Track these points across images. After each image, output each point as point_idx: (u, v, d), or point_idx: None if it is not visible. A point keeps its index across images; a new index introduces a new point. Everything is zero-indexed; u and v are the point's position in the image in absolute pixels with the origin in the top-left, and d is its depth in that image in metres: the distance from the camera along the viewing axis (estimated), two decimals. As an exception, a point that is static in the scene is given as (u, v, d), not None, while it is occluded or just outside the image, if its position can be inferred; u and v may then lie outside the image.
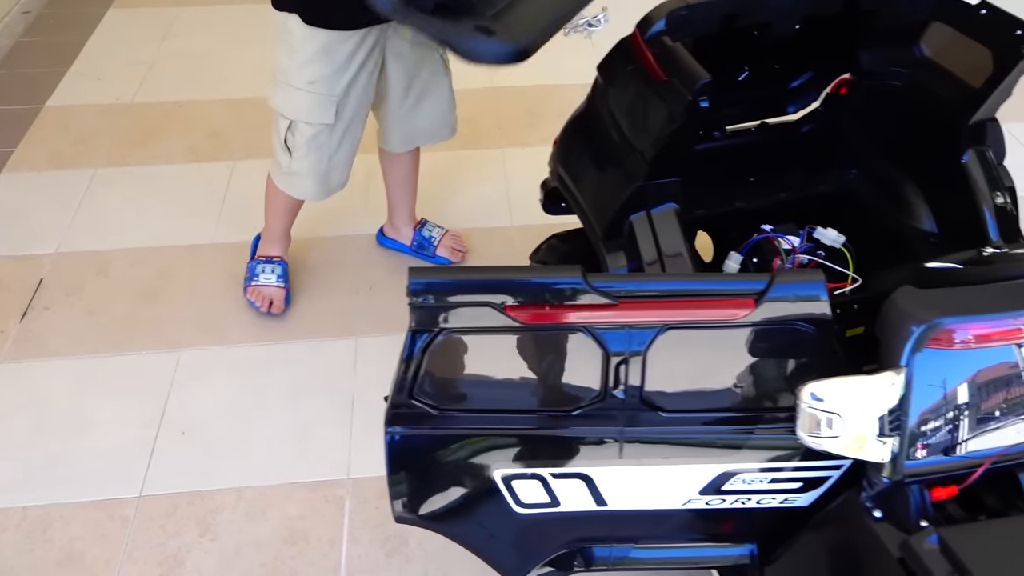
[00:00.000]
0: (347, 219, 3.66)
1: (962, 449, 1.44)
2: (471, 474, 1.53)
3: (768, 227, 2.52)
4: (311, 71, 2.62)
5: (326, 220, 3.63)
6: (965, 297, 1.43)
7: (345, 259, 3.46)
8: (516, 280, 1.42)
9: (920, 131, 2.36)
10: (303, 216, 3.60)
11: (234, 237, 3.56)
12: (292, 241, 3.36)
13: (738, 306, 1.43)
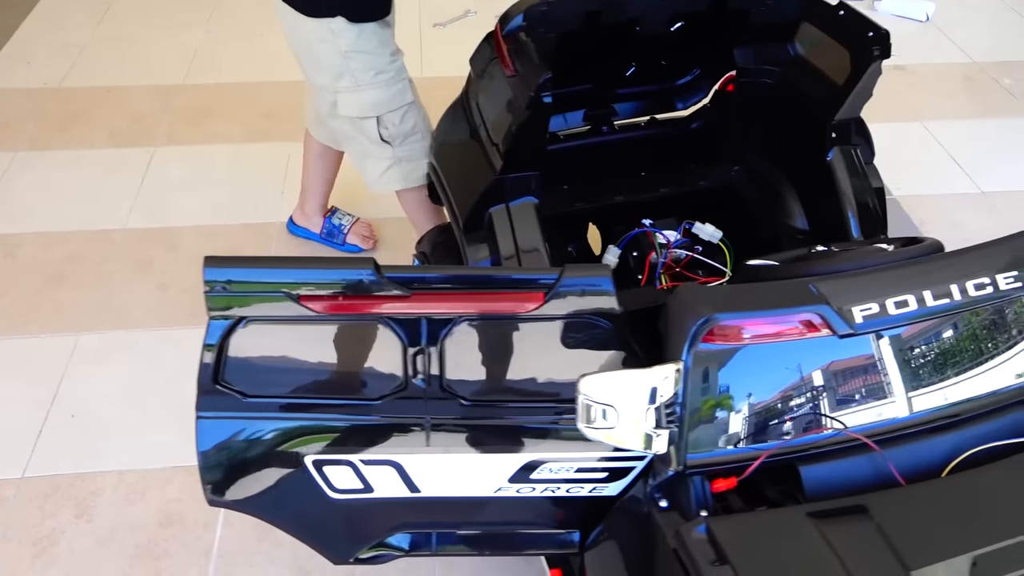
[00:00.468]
0: (260, 207, 3.68)
1: (740, 442, 1.48)
2: (282, 459, 1.57)
3: (648, 221, 2.56)
4: (372, 63, 2.62)
5: (237, 207, 3.66)
6: (745, 294, 1.48)
7: (251, 247, 3.48)
8: (310, 271, 1.45)
9: (792, 129, 2.40)
10: (213, 202, 3.63)
11: (145, 223, 3.58)
12: (198, 228, 3.43)
13: (528, 299, 1.47)
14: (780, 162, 2.49)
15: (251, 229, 3.57)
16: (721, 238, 2.51)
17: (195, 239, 3.51)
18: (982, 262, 1.51)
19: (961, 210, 3.74)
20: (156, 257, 3.41)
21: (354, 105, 2.66)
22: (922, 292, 1.46)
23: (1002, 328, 1.60)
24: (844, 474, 1.49)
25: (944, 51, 4.94)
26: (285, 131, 4.12)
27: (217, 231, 3.54)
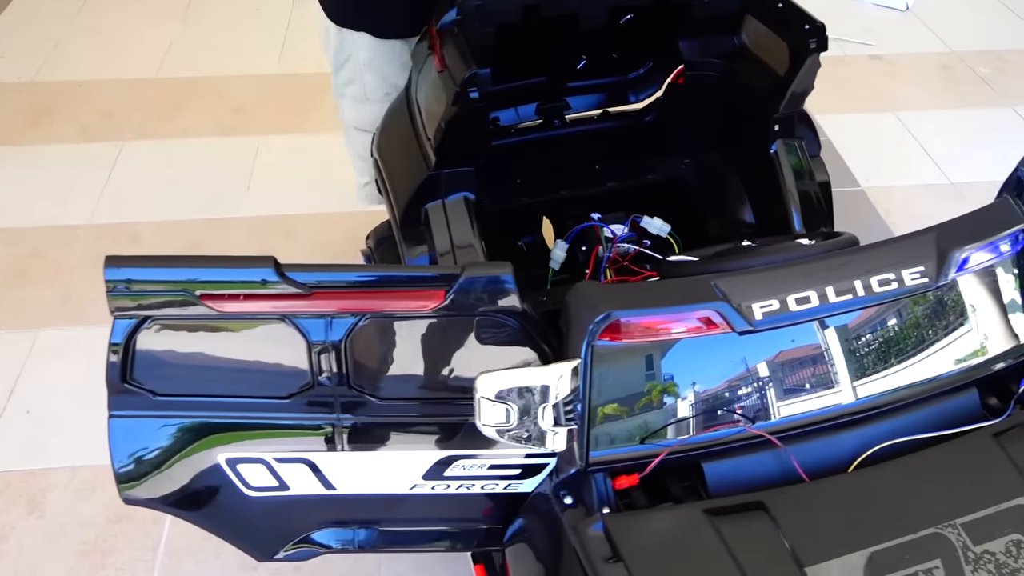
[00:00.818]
0: (225, 201, 3.70)
1: (643, 439, 1.48)
2: (196, 457, 1.58)
3: (597, 215, 2.56)
4: (387, 81, 2.56)
5: (202, 202, 3.68)
6: (645, 291, 1.48)
7: (212, 241, 3.49)
8: (210, 269, 1.46)
9: (738, 122, 2.40)
10: (178, 197, 3.63)
11: (110, 219, 3.59)
12: (162, 224, 3.47)
13: (429, 297, 1.47)
14: (728, 155, 2.48)
15: (214, 224, 3.57)
16: (669, 232, 2.50)
17: (158, 235, 3.51)
18: (887, 257, 1.50)
19: (929, 201, 3.74)
20: (119, 253, 3.39)
21: (354, 114, 2.65)
22: (824, 288, 1.46)
23: (914, 324, 1.60)
24: (749, 471, 1.49)
25: (923, 40, 4.93)
26: (255, 125, 4.14)
27: (180, 226, 3.55)
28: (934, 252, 1.53)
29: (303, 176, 3.80)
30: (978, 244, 1.56)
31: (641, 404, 1.48)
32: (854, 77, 4.55)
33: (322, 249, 3.45)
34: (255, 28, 4.90)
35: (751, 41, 2.36)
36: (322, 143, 3.96)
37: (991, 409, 1.65)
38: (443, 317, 1.48)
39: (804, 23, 2.08)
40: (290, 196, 3.71)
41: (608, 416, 1.47)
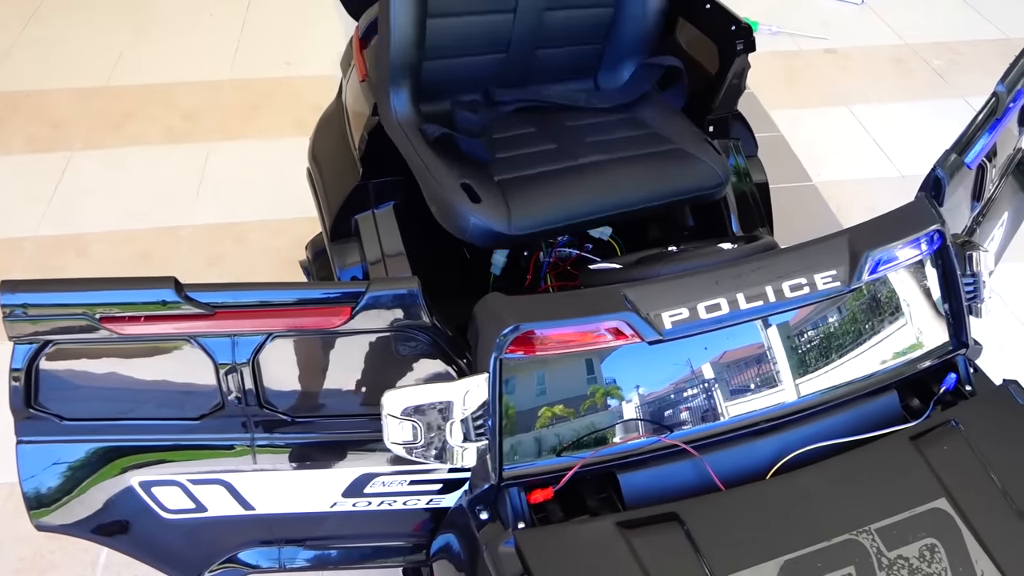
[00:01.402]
0: (174, 210, 3.66)
1: (556, 452, 1.47)
2: (108, 482, 1.56)
3: None
4: None
5: (151, 211, 3.64)
6: (554, 303, 1.47)
7: (162, 251, 3.47)
8: (108, 292, 1.43)
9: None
10: (127, 207, 3.60)
11: (57, 230, 3.54)
12: (110, 234, 3.44)
13: (335, 314, 1.45)
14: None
15: (163, 233, 3.53)
16: (611, 235, 2.49)
17: (106, 245, 3.47)
18: (799, 262, 1.50)
19: (879, 194, 3.74)
20: (66, 265, 3.37)
21: None
22: (735, 295, 1.45)
23: (833, 327, 1.60)
24: (665, 480, 1.48)
25: (877, 33, 4.93)
26: (205, 132, 4.09)
27: (128, 236, 3.51)
28: (846, 255, 1.52)
29: (254, 182, 3.77)
30: (891, 246, 1.55)
31: (553, 416, 1.47)
32: (808, 71, 4.56)
33: (273, 255, 3.43)
34: (208, 35, 4.85)
35: (685, 44, 2.35)
36: (273, 149, 3.94)
37: (911, 411, 1.64)
38: (351, 334, 1.45)
39: (731, 24, 2.07)
40: (240, 203, 3.67)
41: (520, 429, 1.45)
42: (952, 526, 1.40)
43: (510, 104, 2.20)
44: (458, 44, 2.08)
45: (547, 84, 2.26)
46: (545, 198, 1.92)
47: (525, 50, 2.17)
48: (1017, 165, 2.18)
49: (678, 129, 2.15)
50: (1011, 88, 1.87)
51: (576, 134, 2.12)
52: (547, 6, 2.12)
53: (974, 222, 1.96)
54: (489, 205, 1.86)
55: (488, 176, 1.95)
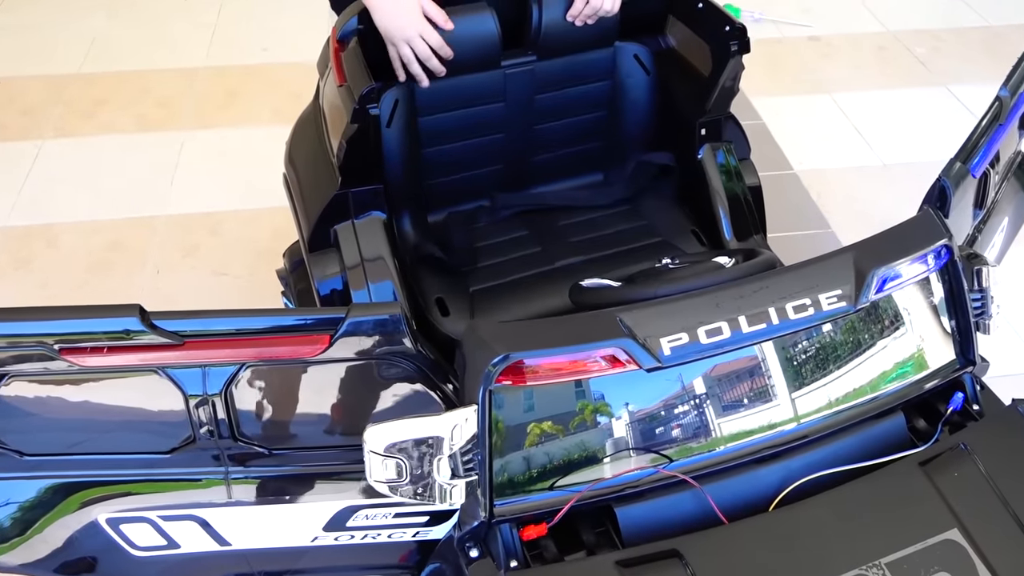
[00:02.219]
0: (147, 200, 3.56)
1: (550, 487, 1.40)
2: (69, 517, 1.47)
3: None
4: None
5: (124, 201, 3.54)
6: (545, 330, 1.39)
7: (134, 242, 3.37)
8: (66, 321, 1.33)
9: (667, 125, 2.31)
10: (99, 196, 3.50)
11: (27, 220, 3.44)
12: (80, 224, 3.34)
13: (313, 342, 1.37)
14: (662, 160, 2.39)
15: (135, 223, 3.44)
16: None
17: (77, 236, 3.37)
18: (802, 281, 1.43)
19: (860, 183, 3.71)
20: (36, 256, 3.27)
21: None
22: (737, 317, 1.38)
23: (836, 348, 1.54)
24: (665, 514, 1.42)
25: (860, 20, 4.88)
26: (180, 120, 4.00)
27: (100, 227, 3.41)
28: (852, 274, 1.46)
29: (229, 171, 3.68)
30: (898, 263, 1.49)
31: (547, 449, 1.40)
32: (791, 59, 4.50)
33: (249, 246, 3.34)
34: (183, 21, 4.74)
35: (677, 43, 2.27)
36: (250, 137, 3.85)
37: (918, 433, 1.58)
38: (329, 363, 1.37)
39: (725, 24, 2.00)
40: (216, 192, 3.58)
41: (511, 463, 1.38)
42: (965, 559, 1.35)
43: (511, 209, 2.26)
44: (454, 165, 2.17)
45: (552, 183, 2.33)
46: (508, 305, 2.00)
47: (522, 160, 2.26)
48: (1018, 167, 2.12)
49: (669, 221, 2.20)
50: (1014, 92, 1.80)
51: (563, 234, 2.18)
52: (535, 122, 2.19)
53: (975, 230, 1.90)
54: (455, 318, 1.95)
55: (464, 287, 2.03)
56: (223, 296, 3.12)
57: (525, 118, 2.19)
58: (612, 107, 2.28)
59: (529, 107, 2.18)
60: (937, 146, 3.84)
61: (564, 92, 2.20)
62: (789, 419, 1.49)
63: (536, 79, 2.14)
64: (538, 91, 2.16)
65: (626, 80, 2.24)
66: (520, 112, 2.18)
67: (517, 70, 2.11)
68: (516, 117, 2.18)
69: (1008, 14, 4.91)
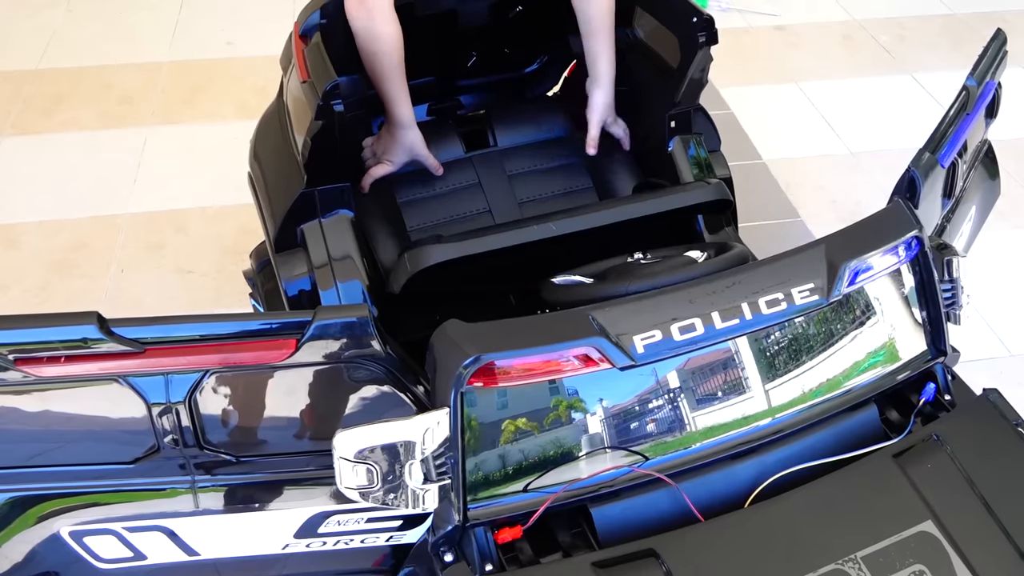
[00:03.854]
0: (111, 198, 3.50)
1: (524, 488, 1.38)
2: (29, 531, 1.43)
3: None
4: None
5: (86, 199, 3.48)
6: (516, 329, 1.37)
7: (98, 240, 3.31)
8: (21, 331, 1.29)
9: (636, 118, 2.30)
10: (60, 195, 3.43)
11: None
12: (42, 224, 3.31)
13: (279, 347, 1.34)
14: (632, 153, 2.38)
15: (99, 222, 3.38)
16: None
17: (38, 236, 3.30)
18: (774, 275, 1.42)
19: (829, 172, 3.72)
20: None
21: None
22: (710, 313, 1.36)
23: (808, 341, 1.53)
24: (641, 512, 1.40)
25: (826, 9, 4.90)
26: (142, 116, 3.93)
27: (62, 226, 3.34)
28: (824, 267, 1.45)
29: (194, 168, 3.62)
30: (869, 254, 1.48)
31: (521, 450, 1.38)
32: (758, 48, 4.51)
33: (215, 243, 3.30)
34: (145, 14, 4.66)
35: (644, 35, 2.25)
36: (214, 132, 3.79)
37: (891, 424, 1.58)
38: (296, 367, 1.35)
39: (692, 16, 1.98)
40: (180, 189, 3.52)
41: (484, 465, 1.36)
42: (940, 550, 1.35)
43: None
44: None
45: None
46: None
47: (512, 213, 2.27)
48: (984, 155, 2.13)
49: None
50: (980, 81, 1.80)
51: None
52: (521, 199, 2.25)
53: (944, 219, 1.91)
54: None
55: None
56: (190, 295, 3.08)
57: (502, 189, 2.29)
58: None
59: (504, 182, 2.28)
60: (904, 134, 3.88)
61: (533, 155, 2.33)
62: (763, 414, 1.49)
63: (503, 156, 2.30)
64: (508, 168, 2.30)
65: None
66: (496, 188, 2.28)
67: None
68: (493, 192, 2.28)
69: (970, 2, 4.94)
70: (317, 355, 1.35)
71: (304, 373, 1.39)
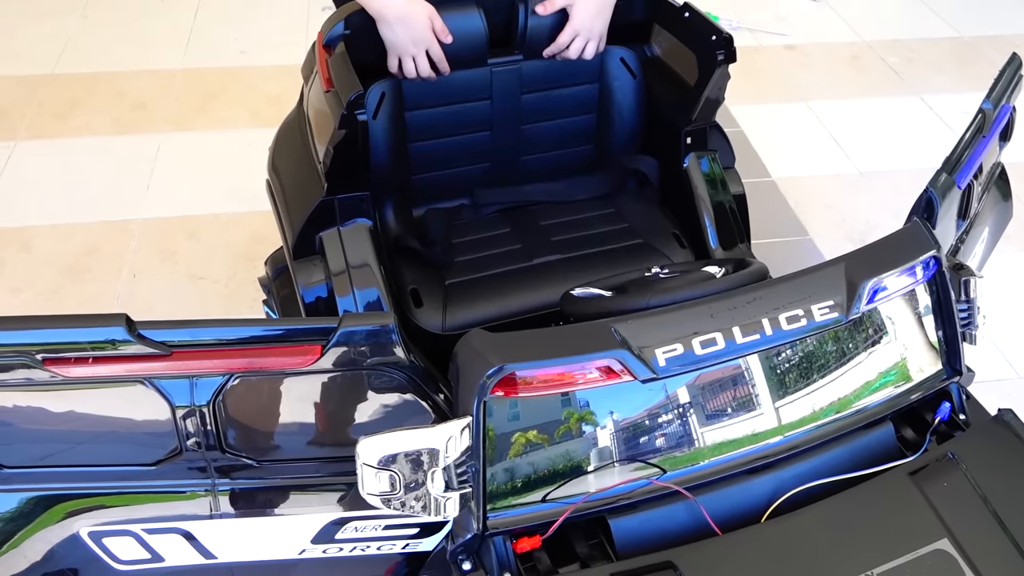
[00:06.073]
0: (123, 203, 3.52)
1: (544, 498, 1.39)
2: (50, 529, 1.44)
3: None
4: None
5: (99, 204, 3.49)
6: (539, 340, 1.38)
7: (110, 246, 3.32)
8: (50, 331, 1.29)
9: (654, 134, 2.31)
10: (74, 199, 3.44)
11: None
12: (55, 227, 3.30)
13: (304, 352, 1.35)
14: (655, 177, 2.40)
15: (112, 227, 3.39)
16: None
17: (51, 239, 3.32)
18: (795, 292, 1.43)
19: (837, 191, 3.74)
20: (9, 260, 3.23)
21: None
22: (731, 328, 1.38)
23: (826, 358, 1.54)
24: (659, 524, 1.41)
25: (835, 30, 4.93)
26: (156, 122, 3.96)
27: (74, 230, 3.36)
28: (843, 284, 1.46)
29: (207, 175, 3.65)
30: (889, 273, 1.49)
31: (541, 460, 1.39)
32: (768, 67, 4.53)
33: (227, 249, 3.31)
34: (160, 21, 4.70)
35: (662, 52, 2.27)
36: (227, 140, 3.82)
37: (906, 442, 1.59)
38: (321, 373, 1.36)
39: (711, 34, 2.00)
40: (193, 196, 3.55)
41: (504, 475, 1.37)
42: (955, 568, 1.35)
43: (493, 206, 2.27)
44: (441, 161, 2.19)
45: (535, 182, 2.32)
46: (482, 299, 2.02)
47: (509, 158, 2.27)
48: (998, 177, 2.14)
49: (650, 224, 2.21)
50: (996, 104, 1.82)
51: (544, 233, 2.18)
52: (524, 122, 2.21)
53: (959, 240, 1.92)
54: (429, 309, 1.98)
55: (440, 280, 2.04)
56: (202, 301, 3.09)
57: (512, 117, 2.21)
58: (599, 110, 2.29)
59: (516, 106, 2.19)
60: (913, 154, 3.91)
61: (550, 93, 2.22)
62: (781, 429, 1.49)
63: (523, 78, 2.15)
64: (525, 90, 2.18)
65: (612, 83, 2.25)
66: (507, 111, 2.19)
67: (504, 68, 2.12)
68: (503, 116, 2.19)
69: (977, 25, 4.98)
70: (341, 361, 1.36)
71: (326, 379, 1.40)
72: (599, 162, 2.37)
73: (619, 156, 2.32)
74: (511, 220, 2.25)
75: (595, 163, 2.37)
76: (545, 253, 2.13)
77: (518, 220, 2.25)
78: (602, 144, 2.34)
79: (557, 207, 2.29)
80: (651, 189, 2.33)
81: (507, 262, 2.11)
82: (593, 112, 2.29)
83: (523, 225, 2.24)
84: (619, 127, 2.30)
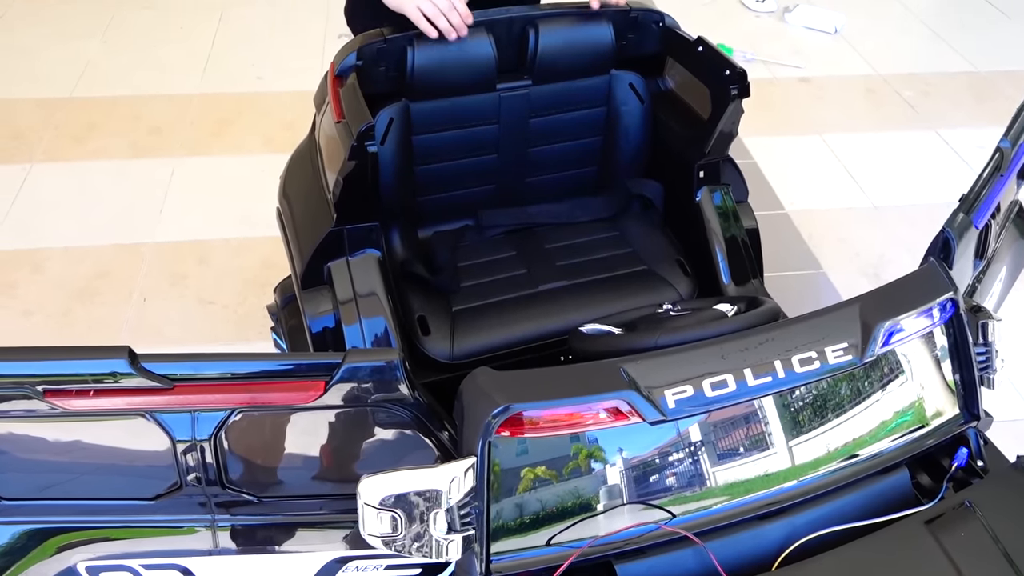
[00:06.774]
0: (136, 227, 3.52)
1: (549, 542, 1.36)
2: (45, 562, 1.41)
3: None
4: None
5: (112, 227, 3.49)
6: (547, 380, 1.35)
7: (121, 269, 3.31)
8: (51, 362, 1.28)
9: (666, 167, 2.30)
10: (87, 222, 3.44)
11: (12, 245, 3.39)
12: (67, 250, 3.29)
13: (307, 388, 1.33)
14: (659, 202, 2.39)
15: (123, 250, 3.39)
16: None
17: (63, 261, 3.32)
18: (808, 333, 1.40)
19: (851, 225, 3.71)
20: (20, 280, 3.22)
21: None
22: (742, 370, 1.35)
23: (840, 402, 1.51)
24: (666, 571, 1.38)
25: (850, 63, 4.91)
26: (171, 146, 3.97)
27: (86, 253, 3.36)
28: (858, 326, 1.43)
29: (219, 200, 3.65)
30: (905, 315, 1.46)
31: (546, 502, 1.36)
32: (782, 100, 4.52)
33: (237, 275, 3.31)
34: (178, 47, 4.72)
35: (676, 85, 2.26)
36: (241, 165, 3.83)
37: (922, 489, 1.56)
38: (324, 409, 1.34)
39: (725, 68, 1.98)
40: (205, 221, 3.55)
41: (509, 517, 1.34)
42: (972, 623, 1.31)
43: (498, 229, 2.28)
44: (447, 182, 2.19)
45: (540, 203, 2.33)
46: (489, 327, 2.01)
47: (514, 180, 2.27)
48: (1016, 216, 2.11)
49: (655, 249, 2.22)
50: (1014, 143, 1.79)
51: (549, 257, 2.19)
52: (530, 144, 2.21)
53: (976, 280, 1.89)
54: (436, 337, 1.98)
55: (446, 307, 2.04)
56: (211, 326, 3.08)
57: (519, 140, 2.21)
58: (606, 134, 2.29)
59: (523, 130, 2.19)
60: (928, 189, 3.88)
61: (558, 117, 2.22)
62: (793, 473, 1.46)
63: (531, 103, 2.15)
64: (533, 115, 2.18)
65: (621, 108, 2.25)
66: (514, 134, 2.19)
67: (512, 93, 2.12)
68: (509, 139, 2.20)
69: (993, 60, 4.96)
70: (345, 398, 1.34)
71: (329, 415, 1.38)
72: (603, 184, 2.37)
73: (624, 179, 2.32)
74: (516, 243, 2.25)
75: (599, 184, 2.37)
76: (551, 279, 2.13)
77: (523, 243, 2.25)
78: (607, 166, 2.34)
79: (561, 229, 2.29)
80: (655, 212, 2.33)
81: (513, 288, 2.11)
82: (599, 135, 2.29)
83: (528, 248, 2.23)
84: (625, 149, 2.30)
